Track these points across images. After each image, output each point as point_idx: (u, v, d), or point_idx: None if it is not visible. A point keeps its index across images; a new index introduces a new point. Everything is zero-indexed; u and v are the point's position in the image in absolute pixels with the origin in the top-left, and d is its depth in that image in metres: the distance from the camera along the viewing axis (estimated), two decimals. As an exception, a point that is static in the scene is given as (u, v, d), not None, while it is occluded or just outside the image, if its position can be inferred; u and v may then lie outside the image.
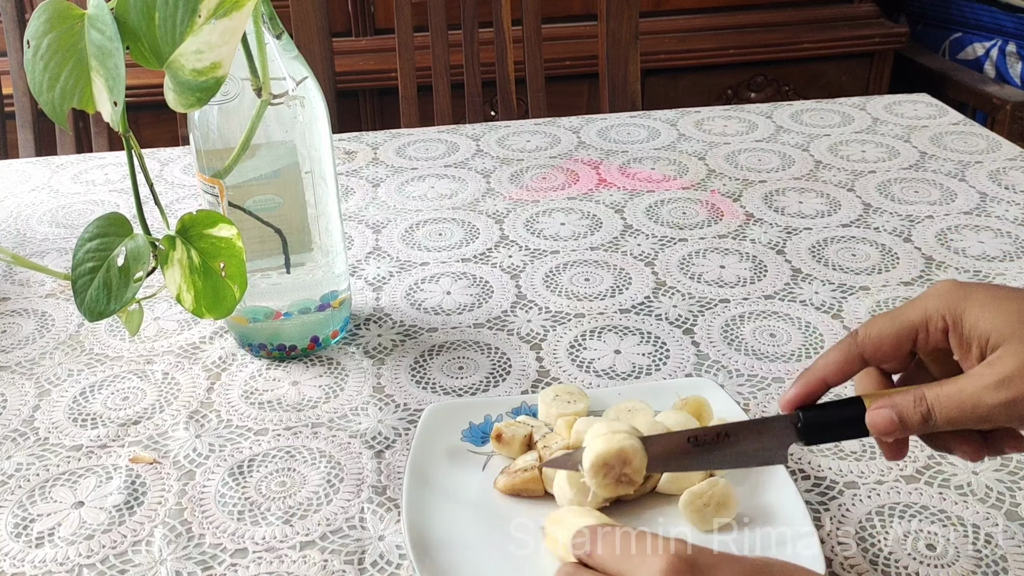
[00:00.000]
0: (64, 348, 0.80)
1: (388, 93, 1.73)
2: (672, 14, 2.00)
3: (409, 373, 0.76)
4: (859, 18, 2.05)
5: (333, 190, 0.75)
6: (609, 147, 1.16)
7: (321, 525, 0.61)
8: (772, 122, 1.21)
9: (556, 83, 1.62)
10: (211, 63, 0.54)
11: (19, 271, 0.91)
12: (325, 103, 0.72)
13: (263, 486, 0.65)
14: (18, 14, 1.32)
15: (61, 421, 0.71)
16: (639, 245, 0.94)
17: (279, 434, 0.70)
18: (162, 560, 0.59)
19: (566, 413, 0.65)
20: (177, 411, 0.72)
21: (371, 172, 1.11)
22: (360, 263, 0.92)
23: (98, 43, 0.56)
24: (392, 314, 0.84)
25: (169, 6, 0.54)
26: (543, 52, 1.39)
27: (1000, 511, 0.61)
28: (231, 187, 0.70)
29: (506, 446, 0.64)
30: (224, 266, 0.59)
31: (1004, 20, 2.02)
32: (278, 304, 0.76)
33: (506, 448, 0.64)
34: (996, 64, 2.04)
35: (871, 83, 2.08)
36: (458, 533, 0.58)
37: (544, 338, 0.80)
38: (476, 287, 0.87)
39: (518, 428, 0.64)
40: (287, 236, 0.72)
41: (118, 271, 0.60)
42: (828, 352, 0.54)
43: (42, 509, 0.63)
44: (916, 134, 1.16)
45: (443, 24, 1.35)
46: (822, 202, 1.01)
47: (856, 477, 0.64)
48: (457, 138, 1.20)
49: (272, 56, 0.66)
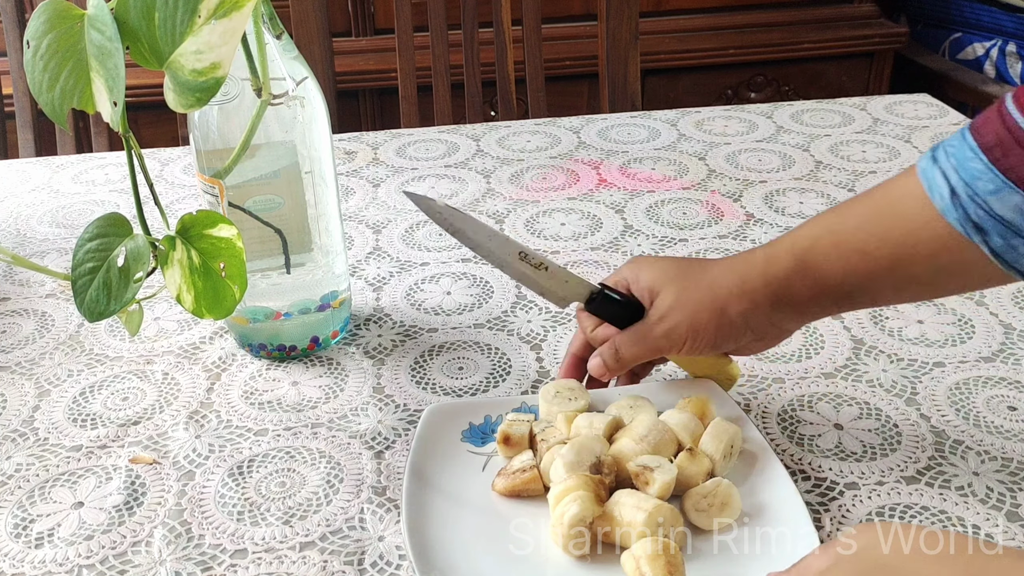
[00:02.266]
0: (64, 348, 0.80)
1: (388, 93, 1.73)
2: (672, 14, 2.00)
3: (409, 373, 0.76)
4: (859, 18, 2.05)
5: (333, 190, 0.75)
6: (609, 147, 1.16)
7: (321, 526, 0.61)
8: (772, 122, 1.21)
9: (556, 83, 1.62)
10: (211, 63, 0.54)
11: (19, 271, 0.91)
12: (325, 103, 0.72)
13: (263, 487, 0.65)
14: (18, 14, 1.31)
15: (61, 421, 0.71)
16: (639, 245, 0.94)
17: (279, 434, 0.70)
18: (162, 561, 0.59)
19: (567, 410, 0.65)
20: (177, 411, 0.72)
21: (371, 172, 1.11)
22: (360, 263, 0.92)
23: (98, 43, 0.56)
24: (392, 314, 0.84)
25: (169, 6, 0.54)
26: (543, 52, 1.39)
27: (1001, 512, 0.61)
28: (231, 187, 0.69)
29: (515, 447, 0.63)
30: (224, 266, 0.59)
31: (1004, 20, 2.02)
32: (278, 304, 0.76)
33: (514, 451, 0.63)
34: (996, 64, 2.04)
35: (871, 83, 2.07)
36: (458, 534, 0.58)
37: (544, 338, 0.80)
38: (476, 287, 0.87)
39: (520, 425, 0.64)
40: (287, 236, 0.72)
41: (118, 271, 0.60)
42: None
43: (42, 509, 0.63)
44: (916, 134, 1.16)
45: (443, 24, 1.35)
46: (822, 202, 1.01)
47: (857, 478, 0.64)
48: (457, 138, 1.20)
49: (272, 56, 0.66)
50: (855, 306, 0.67)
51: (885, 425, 0.69)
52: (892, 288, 0.61)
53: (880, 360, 0.76)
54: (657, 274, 0.65)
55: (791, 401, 0.71)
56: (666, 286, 0.64)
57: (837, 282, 0.61)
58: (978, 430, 0.68)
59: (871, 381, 0.73)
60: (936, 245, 0.57)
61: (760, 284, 0.62)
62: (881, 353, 0.76)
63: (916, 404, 0.71)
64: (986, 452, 0.66)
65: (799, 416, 0.70)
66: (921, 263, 0.58)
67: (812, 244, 0.61)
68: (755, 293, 0.62)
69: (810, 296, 0.62)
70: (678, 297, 0.63)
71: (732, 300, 0.62)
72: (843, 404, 0.71)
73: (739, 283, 0.62)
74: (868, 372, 0.74)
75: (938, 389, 0.72)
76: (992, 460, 0.65)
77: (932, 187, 0.57)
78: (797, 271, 0.61)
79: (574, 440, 0.61)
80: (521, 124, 1.23)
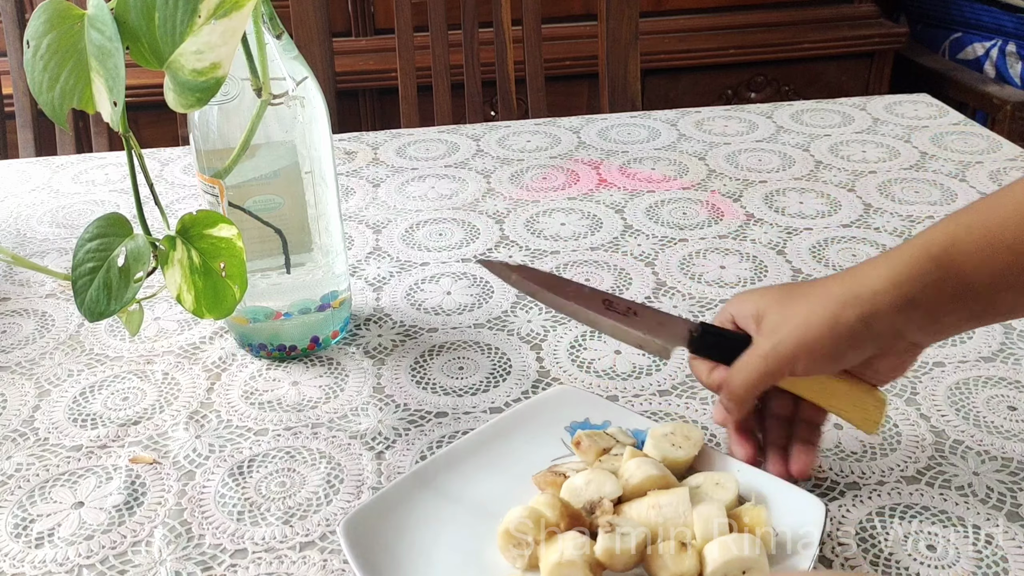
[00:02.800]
0: (64, 348, 0.80)
1: (388, 93, 1.73)
2: (672, 14, 2.00)
3: (409, 373, 0.76)
4: (859, 18, 2.05)
5: (333, 190, 0.75)
6: (609, 147, 1.16)
7: (321, 526, 0.61)
8: (772, 122, 1.21)
9: (556, 83, 1.62)
10: (211, 63, 0.54)
11: (19, 271, 0.91)
12: (325, 103, 0.72)
13: (263, 486, 0.65)
14: (18, 14, 1.31)
15: (61, 421, 0.71)
16: (639, 245, 0.94)
17: (279, 434, 0.69)
18: (162, 561, 0.59)
19: (668, 458, 0.61)
20: (177, 411, 0.72)
21: (371, 172, 1.11)
22: (360, 263, 0.92)
23: (98, 43, 0.56)
24: (392, 314, 0.84)
25: (169, 6, 0.54)
26: (543, 52, 1.39)
27: (1001, 512, 0.61)
28: (231, 187, 0.69)
29: (584, 452, 0.62)
30: (224, 266, 0.59)
31: (1004, 20, 2.02)
32: (278, 304, 0.76)
33: (584, 455, 0.62)
34: (996, 64, 2.04)
35: (871, 83, 2.07)
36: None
37: (544, 338, 0.80)
38: (476, 287, 0.87)
39: (599, 439, 0.62)
40: (287, 236, 0.72)
41: (118, 271, 0.60)
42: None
43: (42, 509, 0.63)
44: (916, 134, 1.16)
45: (443, 24, 1.35)
46: (822, 202, 1.01)
47: (857, 478, 0.64)
48: (457, 138, 1.20)
49: (272, 56, 0.66)
50: (994, 315, 0.59)
51: (885, 425, 0.69)
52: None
53: (880, 360, 0.76)
54: (759, 300, 0.61)
55: (791, 401, 0.71)
56: (770, 308, 0.59)
57: (984, 283, 0.56)
58: (978, 430, 0.68)
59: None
60: None
61: (886, 287, 0.56)
62: (881, 353, 0.76)
63: (916, 404, 0.71)
64: (986, 452, 0.66)
65: (799, 416, 0.70)
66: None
67: (951, 243, 0.56)
68: (877, 296, 0.56)
69: (951, 298, 0.56)
70: (783, 314, 0.58)
71: (848, 305, 0.56)
72: (843, 404, 0.71)
73: (856, 288, 0.57)
74: (868, 372, 0.74)
75: (938, 389, 0.72)
76: (992, 460, 0.65)
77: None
78: (936, 272, 0.56)
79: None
80: (521, 124, 1.23)
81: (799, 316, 0.57)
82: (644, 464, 0.59)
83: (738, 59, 2.00)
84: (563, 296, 0.64)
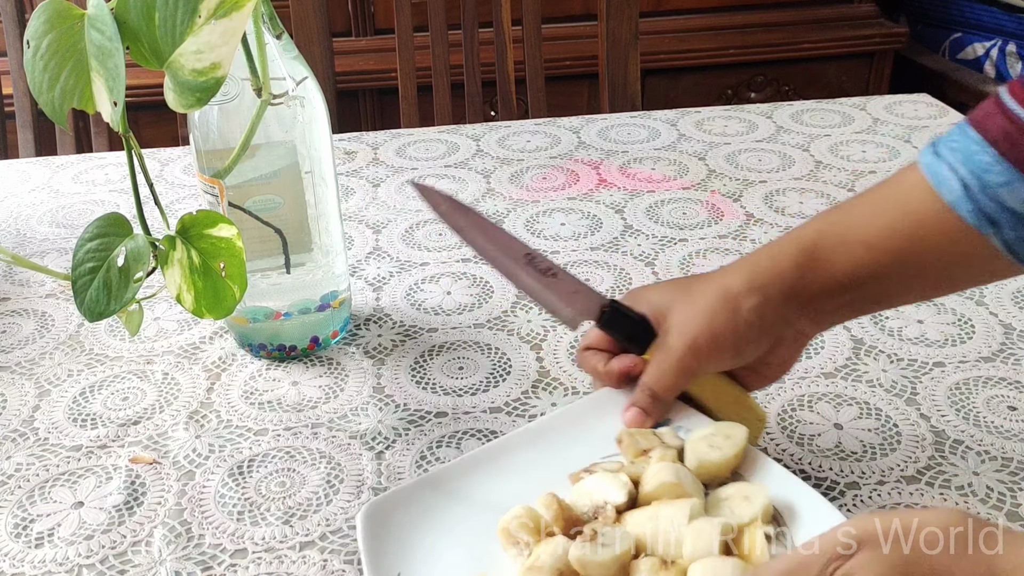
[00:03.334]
0: (64, 348, 0.80)
1: (388, 93, 1.73)
2: (672, 14, 2.00)
3: (409, 373, 0.76)
4: (859, 18, 2.05)
5: (333, 190, 0.75)
6: (609, 147, 1.16)
7: (320, 525, 0.61)
8: (772, 122, 1.21)
9: (556, 83, 1.62)
10: (211, 63, 0.54)
11: (19, 271, 0.91)
12: (325, 103, 0.72)
13: (263, 486, 0.65)
14: (18, 14, 1.31)
15: (61, 421, 0.71)
16: (639, 245, 0.94)
17: (279, 434, 0.70)
18: (162, 560, 0.59)
19: (705, 461, 0.58)
20: (177, 411, 0.72)
21: (371, 172, 1.11)
22: (360, 263, 0.92)
23: (98, 43, 0.56)
24: (392, 314, 0.84)
25: (169, 6, 0.54)
26: (543, 52, 1.39)
27: (1001, 512, 0.61)
28: (231, 187, 0.69)
29: (625, 451, 0.60)
30: (224, 266, 0.59)
31: (1004, 20, 2.02)
32: (278, 304, 0.76)
33: (624, 453, 0.60)
34: (996, 64, 2.04)
35: (871, 83, 2.07)
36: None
37: (544, 338, 0.80)
38: (476, 287, 0.87)
39: (642, 439, 0.59)
40: (287, 236, 0.72)
41: (118, 271, 0.60)
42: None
43: (42, 509, 0.63)
44: (916, 134, 1.16)
45: (443, 24, 1.35)
46: (822, 202, 1.01)
47: (857, 478, 0.64)
48: (457, 138, 1.20)
49: (272, 56, 0.66)
50: (866, 305, 0.64)
51: (885, 425, 0.69)
52: (899, 283, 0.60)
53: (880, 360, 0.76)
54: (656, 296, 0.62)
55: (791, 401, 0.71)
56: (673, 304, 0.61)
57: (847, 275, 0.59)
58: (978, 430, 0.68)
59: (871, 381, 0.73)
60: (945, 238, 0.57)
61: (770, 278, 0.60)
62: (881, 353, 0.76)
63: (916, 404, 0.71)
64: (986, 452, 0.66)
65: (799, 416, 0.70)
66: (929, 256, 0.58)
67: (818, 238, 0.61)
68: (765, 288, 0.60)
69: (820, 289, 0.60)
70: (690, 310, 0.60)
71: (743, 296, 0.59)
72: (843, 404, 0.71)
73: (748, 280, 0.60)
74: (868, 372, 0.74)
75: (938, 389, 0.72)
76: (992, 460, 0.65)
77: (940, 181, 0.57)
78: (804, 264, 0.60)
79: None
80: (521, 124, 1.23)
81: (705, 312, 0.59)
82: (664, 470, 0.56)
83: (738, 59, 2.00)
84: (487, 239, 0.64)
